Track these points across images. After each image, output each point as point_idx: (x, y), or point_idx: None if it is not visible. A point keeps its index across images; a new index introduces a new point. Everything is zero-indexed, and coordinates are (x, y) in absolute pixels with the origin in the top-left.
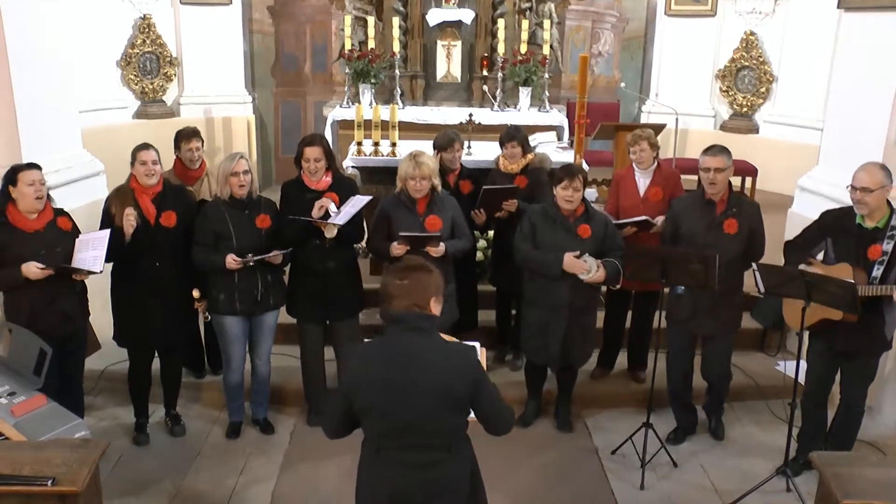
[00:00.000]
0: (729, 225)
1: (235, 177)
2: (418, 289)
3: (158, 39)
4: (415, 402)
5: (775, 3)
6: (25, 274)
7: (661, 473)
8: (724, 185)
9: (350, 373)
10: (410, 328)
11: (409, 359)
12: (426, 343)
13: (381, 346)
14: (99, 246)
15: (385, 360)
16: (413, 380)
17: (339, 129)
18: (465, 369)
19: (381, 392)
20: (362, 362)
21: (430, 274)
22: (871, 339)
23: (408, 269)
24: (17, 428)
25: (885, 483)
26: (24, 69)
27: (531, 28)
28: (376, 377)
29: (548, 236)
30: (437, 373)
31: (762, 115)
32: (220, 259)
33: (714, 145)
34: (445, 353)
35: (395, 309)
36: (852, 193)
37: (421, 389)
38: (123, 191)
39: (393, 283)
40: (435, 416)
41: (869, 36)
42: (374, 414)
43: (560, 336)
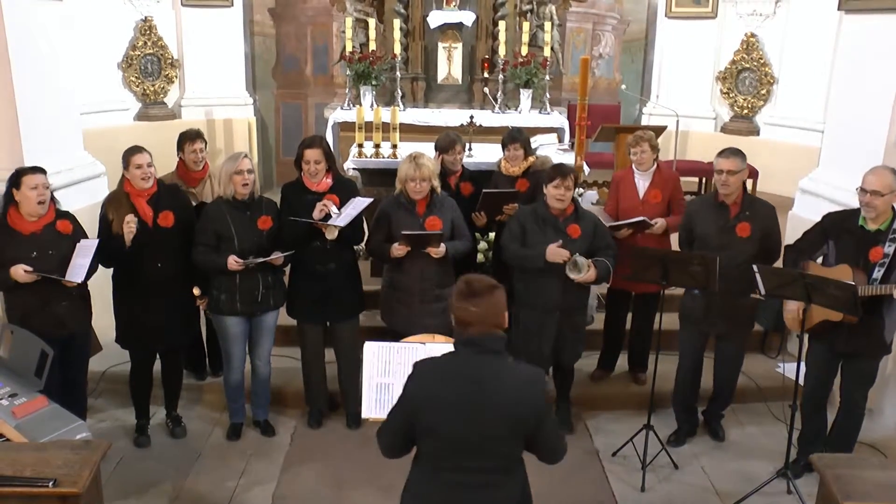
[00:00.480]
0: (742, 228)
1: (239, 175)
2: (493, 311)
3: (160, 41)
4: (483, 425)
5: (776, 5)
6: (13, 276)
7: (662, 475)
8: (737, 187)
9: (414, 391)
10: (484, 351)
11: (481, 381)
12: (499, 366)
13: (450, 366)
14: (85, 255)
15: (456, 381)
16: (484, 403)
17: (340, 131)
18: (535, 397)
19: (451, 413)
20: (429, 381)
21: (499, 290)
22: (870, 342)
23: (478, 293)
24: (18, 429)
25: (886, 485)
26: (25, 71)
27: (532, 30)
28: (446, 398)
29: (537, 236)
30: (508, 398)
31: (763, 117)
32: (222, 260)
33: (728, 148)
34: (516, 377)
35: (473, 334)
36: (861, 196)
37: (491, 413)
38: (118, 196)
39: (468, 311)
40: (501, 439)
41: (869, 37)
42: (439, 434)
43: (551, 336)
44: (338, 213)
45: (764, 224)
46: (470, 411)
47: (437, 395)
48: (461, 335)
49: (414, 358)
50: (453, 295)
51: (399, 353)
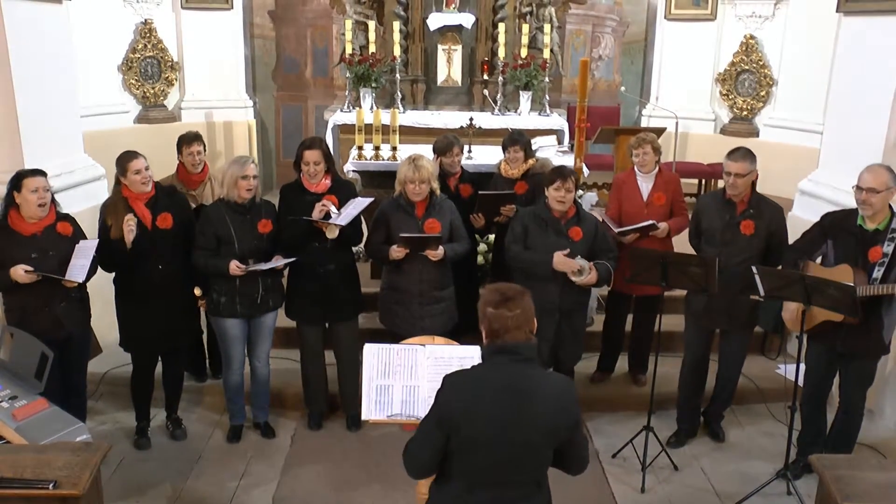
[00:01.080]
0: (746, 226)
1: (245, 180)
2: (529, 314)
3: (160, 44)
4: (522, 437)
5: (775, 7)
6: (13, 277)
7: (662, 476)
8: (745, 188)
9: (451, 405)
10: (521, 359)
11: (521, 391)
12: (535, 374)
13: (487, 376)
14: (85, 255)
15: (496, 392)
16: (526, 413)
17: (339, 133)
18: (572, 405)
19: (493, 426)
20: (466, 394)
21: (528, 295)
22: (869, 342)
23: (511, 298)
24: (18, 432)
25: (886, 486)
26: (26, 74)
27: (532, 32)
28: (487, 410)
29: (539, 238)
30: (548, 406)
31: (762, 119)
32: (224, 264)
33: (739, 148)
34: (551, 387)
35: (510, 340)
36: (858, 194)
37: (530, 424)
38: (115, 202)
39: (505, 316)
40: (538, 450)
41: (868, 39)
42: (478, 449)
43: (550, 337)
44: (337, 213)
45: (770, 223)
46: (512, 422)
47: (476, 407)
48: (493, 343)
49: (414, 359)
50: (483, 304)
51: (399, 355)
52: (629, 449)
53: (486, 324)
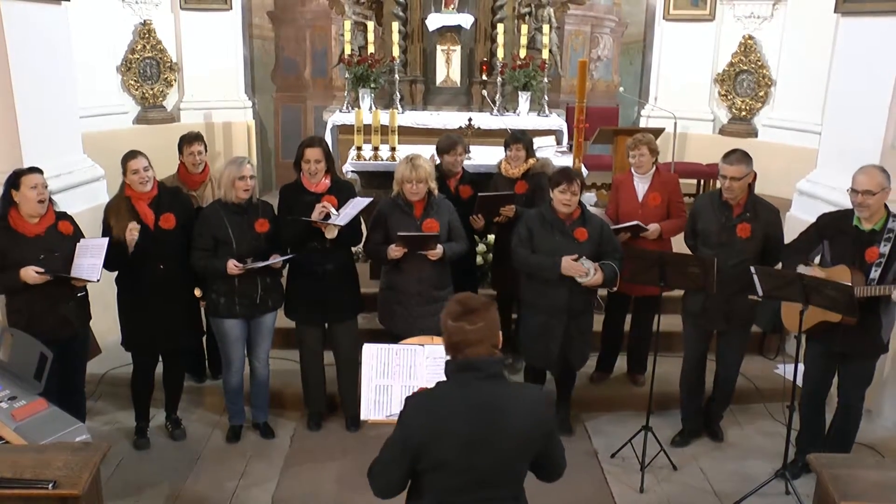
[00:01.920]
0: (742, 229)
1: (242, 181)
2: (492, 328)
3: (159, 45)
4: (495, 455)
5: (773, 8)
6: (24, 278)
7: (661, 476)
8: (741, 191)
9: (416, 427)
10: (487, 376)
11: (489, 410)
12: (503, 391)
13: (453, 395)
14: (97, 254)
15: (463, 412)
16: (495, 432)
17: (338, 133)
18: (543, 419)
19: (461, 447)
20: (433, 416)
21: (493, 307)
22: (867, 342)
23: (474, 310)
24: (17, 432)
25: (883, 484)
26: (24, 75)
27: (530, 33)
28: (455, 431)
29: (545, 240)
30: (517, 423)
31: (761, 119)
32: (221, 264)
33: (734, 151)
34: (522, 400)
35: (472, 356)
36: (853, 197)
37: (502, 442)
38: (118, 202)
39: (467, 329)
40: (512, 466)
41: (866, 40)
42: (449, 469)
43: (559, 339)
44: (337, 213)
45: (766, 226)
46: (482, 442)
47: (445, 429)
48: (456, 359)
49: (413, 359)
50: (445, 316)
51: (398, 355)
52: (628, 449)
53: (447, 337)
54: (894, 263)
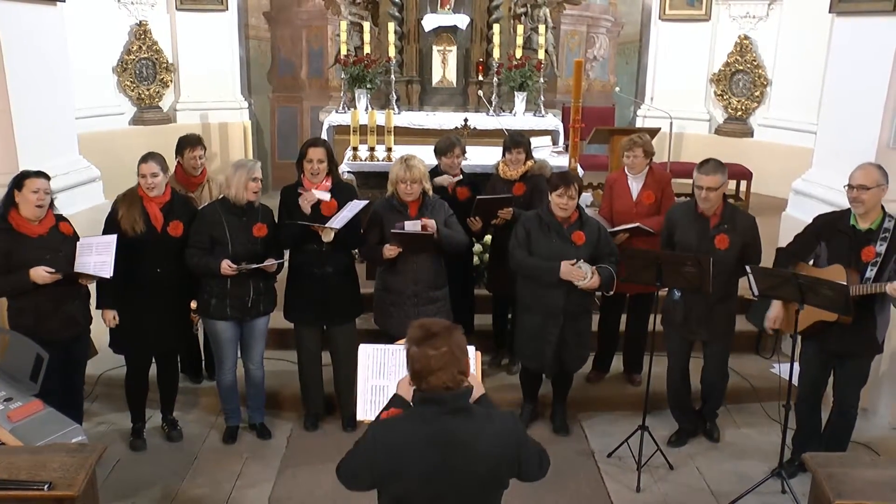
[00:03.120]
0: (720, 240)
1: (255, 182)
2: (458, 353)
3: (154, 45)
4: (460, 491)
5: (769, 8)
6: (34, 278)
7: (658, 476)
8: (717, 201)
9: (378, 460)
10: (451, 410)
11: (453, 448)
12: (469, 426)
13: (416, 432)
14: (105, 251)
15: (423, 449)
16: (458, 470)
17: (335, 134)
18: (510, 448)
19: (423, 484)
20: (395, 453)
21: (458, 331)
22: (863, 341)
23: (436, 334)
24: (13, 433)
25: (878, 483)
26: (20, 76)
27: (526, 33)
28: (417, 468)
29: (542, 243)
30: (483, 460)
31: (757, 119)
32: (216, 263)
33: (709, 160)
34: (489, 434)
35: (436, 383)
36: (849, 192)
37: (466, 479)
38: (132, 195)
39: (429, 355)
40: (481, 497)
41: (861, 40)
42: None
43: (554, 342)
44: (326, 193)
45: (744, 236)
46: (444, 480)
47: (403, 467)
48: (420, 389)
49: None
50: (408, 342)
51: (394, 356)
52: (624, 448)
53: (409, 364)
54: (890, 263)
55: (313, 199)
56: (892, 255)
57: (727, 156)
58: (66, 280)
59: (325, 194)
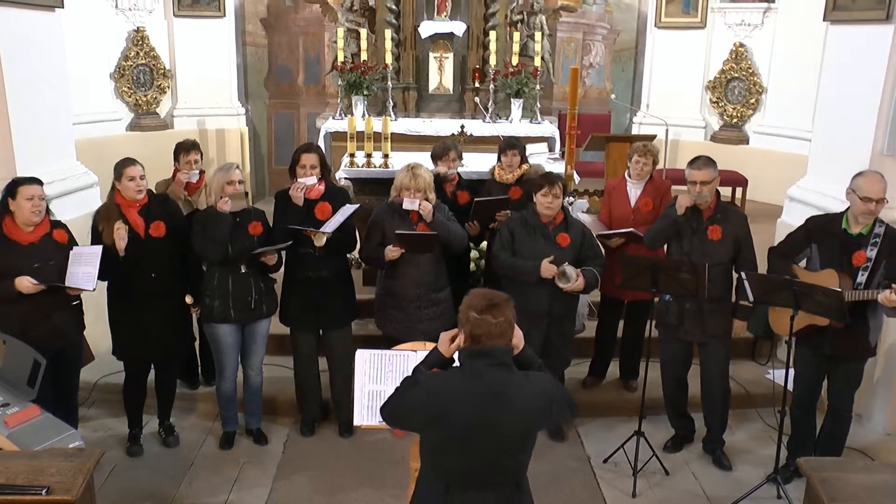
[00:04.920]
0: (713, 231)
1: (231, 185)
2: (511, 324)
3: (152, 52)
4: (499, 442)
5: (764, 16)
6: (18, 288)
7: (653, 481)
8: (711, 195)
9: (423, 407)
10: (497, 364)
11: (497, 397)
12: (511, 380)
13: (460, 381)
14: (91, 262)
15: (469, 398)
16: (500, 420)
17: (332, 140)
18: (544, 405)
19: (466, 432)
20: (439, 398)
21: (511, 303)
22: (855, 345)
23: (497, 305)
24: (10, 439)
25: (872, 488)
26: (18, 81)
27: (523, 40)
28: (460, 416)
29: (527, 244)
30: (522, 412)
31: (752, 126)
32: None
33: (699, 157)
34: (528, 390)
35: (490, 346)
36: (866, 205)
37: (506, 429)
38: (109, 207)
39: (490, 322)
40: (514, 454)
41: (855, 48)
42: (454, 451)
43: (539, 343)
44: (313, 179)
45: (736, 229)
46: (486, 428)
47: (449, 412)
48: (471, 347)
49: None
50: (467, 307)
51: (391, 361)
52: (620, 454)
53: (468, 328)
54: (880, 268)
55: (303, 186)
56: (882, 260)
57: (722, 162)
58: (52, 290)
59: (312, 179)
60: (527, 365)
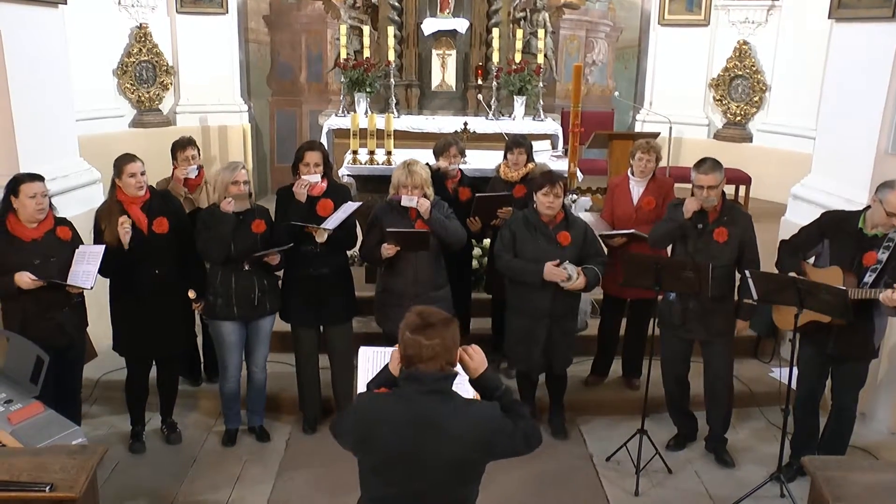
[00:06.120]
0: (719, 233)
1: (235, 185)
2: (448, 346)
3: (155, 48)
4: (428, 474)
5: (768, 13)
6: (18, 283)
7: (656, 480)
8: (718, 198)
9: (351, 428)
10: (429, 391)
11: (424, 427)
12: (444, 409)
13: (390, 407)
14: (92, 261)
15: (396, 425)
16: (427, 451)
17: (334, 137)
18: (482, 434)
19: (392, 460)
20: (366, 423)
21: (454, 324)
22: (859, 345)
23: (431, 325)
24: (14, 435)
25: (876, 487)
26: (21, 78)
27: (525, 37)
28: (389, 443)
29: (528, 244)
30: (453, 444)
31: (755, 124)
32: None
33: (705, 159)
34: (463, 420)
35: (424, 370)
36: (891, 220)
37: (434, 461)
38: (110, 206)
39: (422, 344)
40: (450, 487)
41: (859, 46)
42: (383, 478)
43: (542, 342)
44: (317, 177)
45: (742, 232)
46: (412, 460)
47: (379, 440)
48: (406, 370)
49: None
50: (403, 327)
51: None
52: (623, 452)
53: (402, 349)
54: (888, 270)
55: (306, 183)
56: (892, 262)
57: (726, 161)
58: (52, 287)
59: (316, 177)
60: (487, 391)
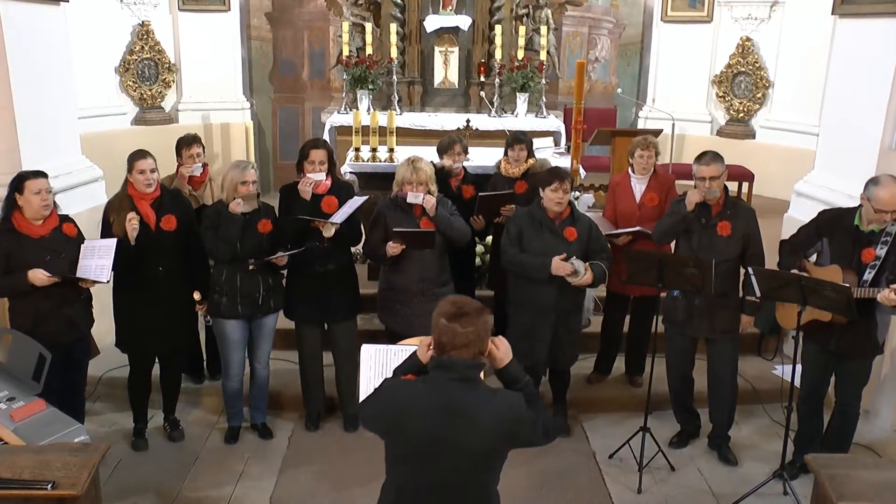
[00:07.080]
0: (722, 227)
1: (245, 185)
2: (482, 334)
3: (157, 46)
4: (454, 461)
5: (771, 10)
6: (32, 281)
7: (659, 477)
8: (720, 190)
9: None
10: (458, 378)
11: (453, 415)
12: (472, 397)
13: (420, 393)
14: (105, 255)
15: (425, 412)
16: (455, 439)
17: (337, 135)
18: (508, 426)
19: (421, 447)
20: (396, 407)
21: (486, 313)
22: (862, 342)
23: (467, 313)
24: (16, 433)
25: (880, 485)
26: (23, 75)
27: (528, 34)
28: (414, 430)
29: (534, 239)
30: (481, 433)
31: (758, 121)
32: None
33: (706, 152)
34: (491, 409)
35: (457, 357)
36: (881, 216)
37: (462, 449)
38: (120, 199)
39: (457, 332)
40: (473, 475)
41: (863, 42)
42: (410, 464)
43: (547, 339)
44: (321, 175)
45: (746, 226)
46: (440, 445)
47: (403, 424)
48: (438, 357)
49: None
50: (438, 315)
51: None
52: (626, 450)
53: (436, 335)
54: (888, 266)
55: (311, 182)
56: (891, 258)
57: (729, 157)
58: (65, 283)
59: (321, 175)
60: (511, 381)
